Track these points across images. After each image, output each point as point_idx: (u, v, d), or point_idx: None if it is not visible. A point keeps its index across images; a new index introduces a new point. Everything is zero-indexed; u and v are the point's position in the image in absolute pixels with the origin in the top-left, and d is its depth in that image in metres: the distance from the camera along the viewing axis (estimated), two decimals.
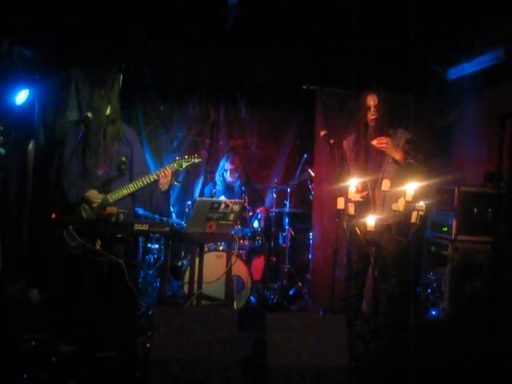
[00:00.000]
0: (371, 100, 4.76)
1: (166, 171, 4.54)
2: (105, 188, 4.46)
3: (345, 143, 5.01)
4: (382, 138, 4.59)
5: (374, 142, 4.60)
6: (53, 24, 5.32)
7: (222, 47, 6.09)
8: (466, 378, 3.66)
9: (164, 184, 4.60)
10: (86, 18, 5.34)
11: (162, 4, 5.27)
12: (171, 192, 6.35)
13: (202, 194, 6.65)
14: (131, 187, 4.46)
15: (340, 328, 3.64)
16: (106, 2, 5.21)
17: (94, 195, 4.36)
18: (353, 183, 4.15)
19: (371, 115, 4.75)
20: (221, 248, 5.58)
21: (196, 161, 4.72)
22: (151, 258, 6.08)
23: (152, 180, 4.50)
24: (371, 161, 4.78)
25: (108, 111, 4.50)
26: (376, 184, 4.63)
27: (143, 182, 4.48)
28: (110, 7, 5.26)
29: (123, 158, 4.50)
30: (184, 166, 4.68)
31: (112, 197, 4.42)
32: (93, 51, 5.72)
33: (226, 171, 6.44)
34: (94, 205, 4.32)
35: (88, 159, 4.45)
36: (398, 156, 4.63)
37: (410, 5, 4.60)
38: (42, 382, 3.64)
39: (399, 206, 4.07)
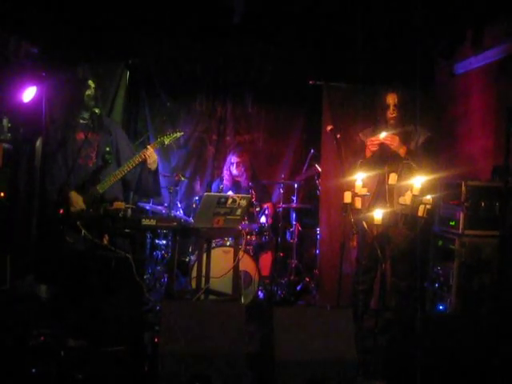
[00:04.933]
0: (390, 99, 4.70)
1: (148, 151, 4.58)
2: (94, 179, 4.51)
3: (361, 135, 4.97)
4: (388, 136, 4.58)
5: (382, 138, 4.57)
6: (59, 21, 5.34)
7: (228, 43, 6.09)
8: (473, 372, 3.65)
9: (152, 163, 4.65)
10: (93, 15, 5.35)
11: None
12: (178, 187, 6.36)
13: (209, 190, 6.65)
14: (118, 173, 4.51)
15: (347, 322, 3.64)
16: None
17: (74, 197, 4.43)
18: (359, 177, 4.15)
19: (390, 114, 4.70)
20: (228, 243, 5.58)
21: (178, 135, 4.77)
22: (159, 254, 6.11)
23: (137, 162, 4.55)
24: (390, 154, 4.74)
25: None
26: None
27: (129, 166, 4.53)
28: (116, 3, 5.27)
29: (107, 149, 4.56)
30: (167, 142, 4.73)
31: (102, 187, 4.46)
32: (100, 48, 5.74)
33: (232, 164, 6.43)
34: (72, 208, 4.37)
35: (85, 152, 4.57)
36: (402, 152, 4.61)
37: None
38: (51, 377, 3.66)
39: (406, 199, 4.07)
